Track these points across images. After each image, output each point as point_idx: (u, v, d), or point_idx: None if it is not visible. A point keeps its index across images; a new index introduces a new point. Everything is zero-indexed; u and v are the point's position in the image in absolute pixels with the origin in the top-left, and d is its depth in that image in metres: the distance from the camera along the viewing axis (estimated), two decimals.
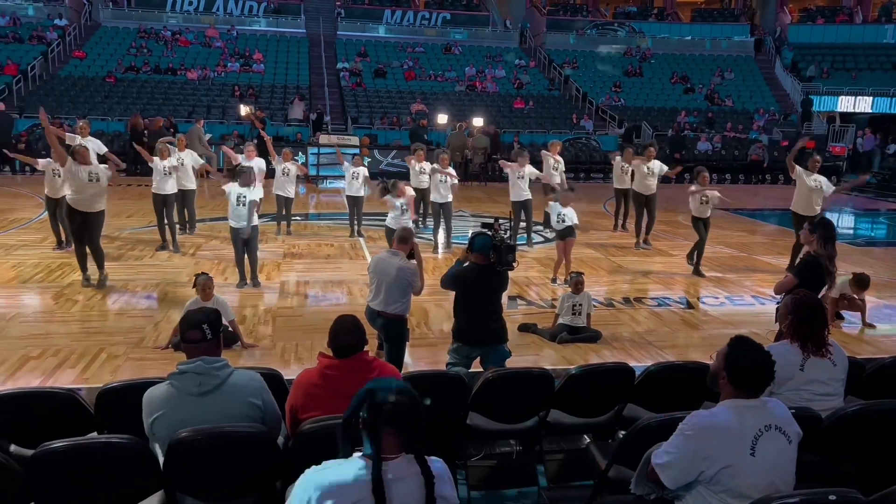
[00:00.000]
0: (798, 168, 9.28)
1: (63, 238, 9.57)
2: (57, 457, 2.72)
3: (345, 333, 3.18)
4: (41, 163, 9.59)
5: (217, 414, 2.89)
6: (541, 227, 11.61)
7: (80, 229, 7.86)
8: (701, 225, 9.38)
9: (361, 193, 11.16)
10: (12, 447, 3.38)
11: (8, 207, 12.73)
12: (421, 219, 11.57)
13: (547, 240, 11.14)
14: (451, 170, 10.56)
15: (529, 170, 10.48)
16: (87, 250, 7.92)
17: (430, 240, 10.72)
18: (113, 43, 25.80)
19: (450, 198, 10.43)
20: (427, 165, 10.94)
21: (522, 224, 10.84)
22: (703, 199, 9.32)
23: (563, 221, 8.72)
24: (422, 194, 11.12)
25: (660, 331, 7.13)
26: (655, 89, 27.52)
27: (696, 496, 2.56)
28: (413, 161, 11.17)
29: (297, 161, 11.73)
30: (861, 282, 7.40)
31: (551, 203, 9.15)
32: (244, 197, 7.85)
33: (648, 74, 28.34)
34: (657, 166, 11.04)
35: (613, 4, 33.94)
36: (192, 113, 20.97)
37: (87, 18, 27.25)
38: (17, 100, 21.20)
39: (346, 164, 11.32)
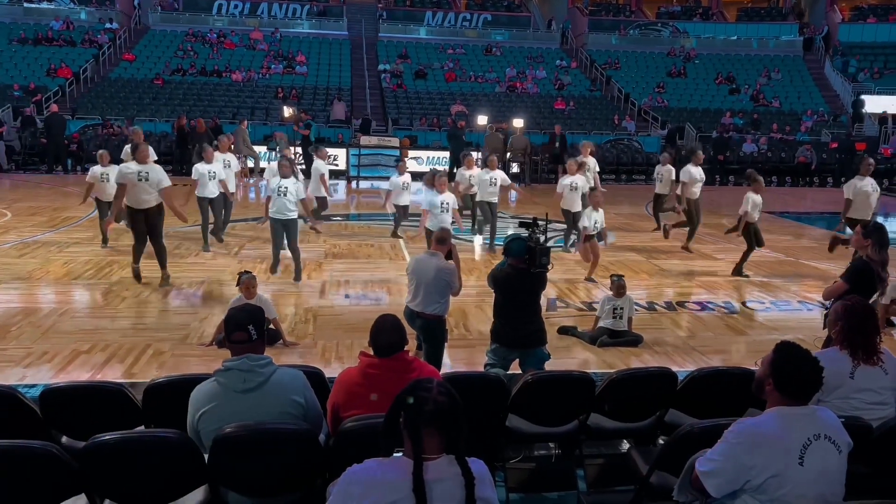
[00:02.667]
0: (848, 188, 9.14)
1: (107, 236, 9.85)
2: (107, 449, 2.80)
3: (386, 332, 3.20)
4: (91, 172, 9.91)
5: (261, 410, 2.94)
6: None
7: (138, 226, 8.04)
8: (751, 231, 9.21)
9: (408, 202, 11.25)
10: (64, 439, 3.49)
11: (61, 206, 13.15)
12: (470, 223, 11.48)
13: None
14: (499, 172, 10.59)
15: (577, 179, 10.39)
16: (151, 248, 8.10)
17: (470, 241, 10.74)
18: (161, 46, 26.46)
19: (496, 199, 10.46)
20: (476, 171, 10.94)
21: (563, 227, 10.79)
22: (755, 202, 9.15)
23: (598, 228, 8.81)
24: (470, 199, 11.19)
25: (703, 335, 7.00)
26: (700, 90, 27.08)
27: None
28: (463, 170, 11.18)
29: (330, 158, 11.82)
30: None
31: (586, 211, 9.08)
32: (284, 187, 8.09)
33: (692, 75, 27.89)
34: (700, 173, 10.82)
35: (657, 4, 33.48)
36: (236, 114, 21.37)
37: (137, 22, 28.00)
38: (70, 101, 21.88)
39: (393, 177, 11.39)
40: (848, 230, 8.57)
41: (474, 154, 12.27)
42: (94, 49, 24.81)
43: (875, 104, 25.59)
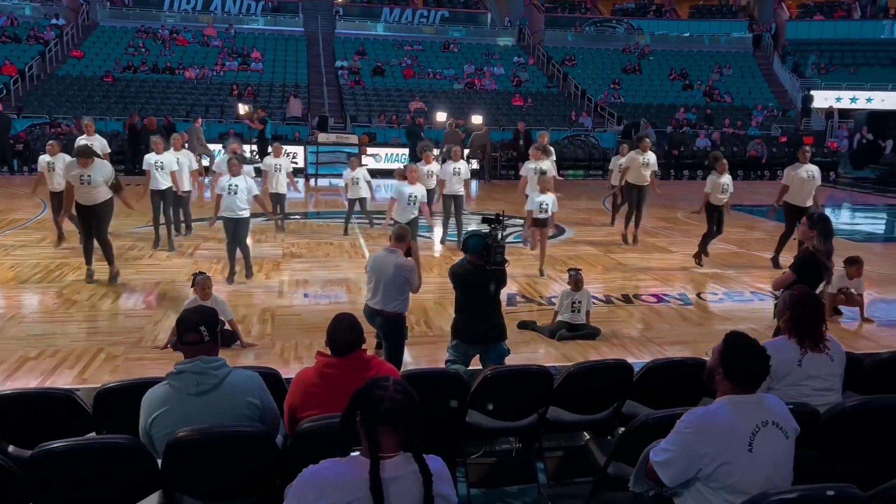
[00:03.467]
0: (785, 173, 9.60)
1: (62, 234, 9.59)
2: (55, 457, 2.72)
3: (342, 331, 3.17)
4: (39, 161, 9.62)
5: (215, 413, 2.89)
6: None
7: (85, 222, 7.88)
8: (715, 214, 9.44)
9: (364, 195, 11.21)
10: (10, 448, 3.38)
11: (6, 208, 12.73)
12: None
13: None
14: (462, 164, 10.61)
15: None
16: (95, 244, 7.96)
17: (430, 238, 10.73)
18: (111, 42, 25.79)
19: (462, 191, 10.45)
20: (435, 166, 10.93)
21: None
22: (725, 186, 9.37)
23: (546, 212, 8.76)
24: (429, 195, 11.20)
25: (659, 327, 7.13)
26: (654, 86, 27.52)
27: (695, 493, 2.56)
28: (422, 165, 11.16)
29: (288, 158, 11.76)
30: (854, 261, 7.40)
31: (532, 194, 9.07)
32: (235, 185, 8.04)
33: (647, 71, 28.32)
34: (652, 158, 11.06)
35: (612, 2, 33.91)
36: (190, 112, 20.96)
37: (85, 18, 27.22)
38: (14, 100, 21.18)
39: (345, 172, 11.40)
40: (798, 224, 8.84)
41: (434, 150, 12.23)
42: (41, 46, 24.05)
43: (822, 99, 26.37)
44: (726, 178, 9.44)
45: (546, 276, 8.86)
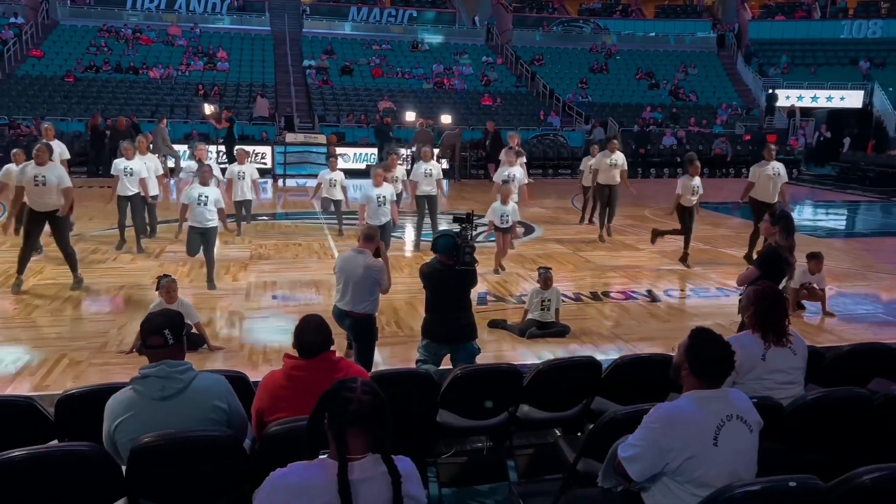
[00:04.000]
0: (751, 170, 9.76)
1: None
2: (15, 466, 2.65)
3: (310, 333, 3.15)
4: (5, 170, 9.29)
5: (181, 418, 2.84)
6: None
7: (35, 230, 7.65)
8: (685, 214, 9.55)
9: (340, 197, 11.21)
10: None
11: None
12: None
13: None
14: (434, 164, 10.58)
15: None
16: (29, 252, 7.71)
17: (401, 238, 10.72)
18: (72, 42, 25.28)
19: (434, 191, 10.43)
20: (401, 171, 10.89)
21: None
22: (695, 188, 9.47)
23: (507, 222, 8.92)
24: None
25: (627, 324, 7.21)
26: (621, 85, 27.82)
27: (662, 487, 2.59)
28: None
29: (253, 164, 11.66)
30: (815, 256, 7.56)
31: (494, 205, 9.11)
32: (205, 196, 7.90)
33: (614, 71, 28.62)
34: (620, 158, 11.20)
35: (579, 1, 34.20)
36: (154, 112, 20.65)
37: (45, 17, 26.63)
38: None
39: (322, 172, 11.35)
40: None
41: (402, 150, 12.23)
42: None
43: (783, 98, 26.91)
44: (697, 181, 9.54)
45: (501, 272, 8.90)
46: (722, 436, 2.52)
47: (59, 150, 10.22)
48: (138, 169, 9.64)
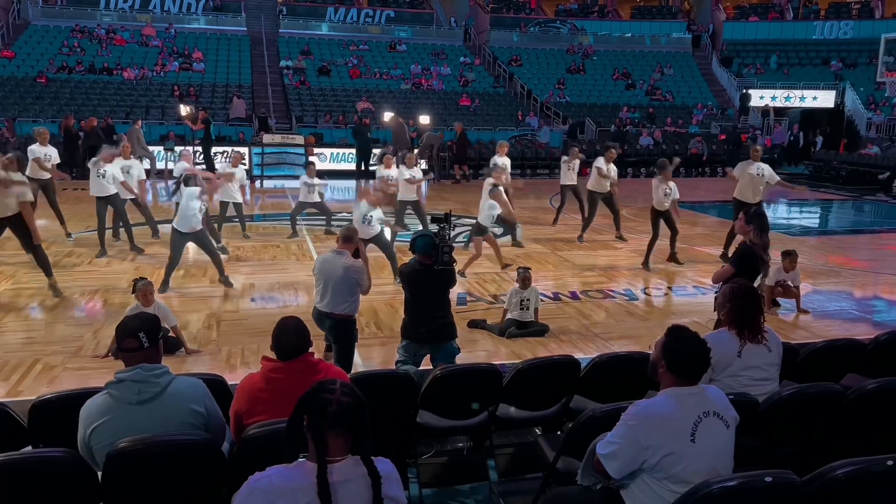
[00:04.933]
0: (737, 167, 9.73)
1: None
2: None
3: (287, 335, 3.13)
4: None
5: (158, 422, 2.81)
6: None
7: None
8: (659, 219, 9.58)
9: (318, 199, 11.21)
10: None
11: None
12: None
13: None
14: (415, 170, 10.57)
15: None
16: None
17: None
18: (44, 42, 24.88)
19: (415, 196, 10.45)
20: (394, 171, 10.88)
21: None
22: (667, 190, 9.52)
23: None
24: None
25: (605, 323, 7.26)
26: (598, 86, 27.99)
27: (641, 484, 2.61)
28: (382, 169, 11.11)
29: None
30: (789, 253, 7.67)
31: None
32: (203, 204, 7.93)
33: (591, 71, 28.80)
34: (614, 170, 11.30)
35: (555, 2, 34.36)
36: (129, 113, 20.40)
37: (16, 17, 26.17)
38: None
39: (302, 177, 11.31)
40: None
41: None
42: None
43: (757, 98, 27.27)
44: (671, 184, 9.57)
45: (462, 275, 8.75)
46: (699, 432, 2.55)
47: (53, 154, 10.26)
48: (113, 173, 9.53)
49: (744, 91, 27.09)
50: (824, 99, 27.14)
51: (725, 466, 2.62)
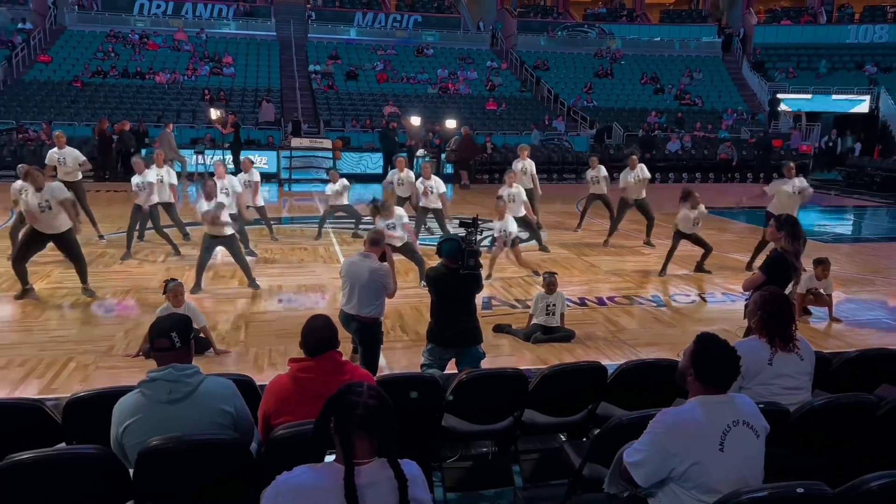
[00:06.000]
0: (772, 185, 9.60)
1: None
2: (24, 469, 2.67)
3: (317, 330, 3.17)
4: (12, 187, 9.26)
5: (188, 422, 2.86)
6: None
7: (35, 247, 7.64)
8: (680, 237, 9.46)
9: (346, 202, 11.32)
10: None
11: None
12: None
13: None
14: (435, 180, 10.55)
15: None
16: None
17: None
18: (79, 47, 25.41)
19: (439, 204, 10.45)
20: (408, 174, 10.91)
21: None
22: (697, 220, 9.39)
23: (507, 234, 8.84)
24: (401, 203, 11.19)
25: (633, 329, 7.19)
26: (626, 90, 27.79)
27: (668, 493, 2.58)
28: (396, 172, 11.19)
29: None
30: (822, 261, 7.54)
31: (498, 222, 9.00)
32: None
33: (619, 75, 28.60)
34: (644, 171, 11.20)
35: (583, 6, 34.21)
36: (161, 117, 20.72)
37: (53, 22, 26.78)
38: None
39: (329, 185, 11.38)
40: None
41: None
42: (7, 50, 23.62)
43: (790, 103, 26.86)
44: (699, 209, 9.40)
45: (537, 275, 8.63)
46: (728, 441, 2.52)
47: (74, 157, 10.41)
48: (150, 181, 9.79)
49: (773, 95, 26.70)
50: (858, 104, 26.63)
51: (755, 476, 2.58)
